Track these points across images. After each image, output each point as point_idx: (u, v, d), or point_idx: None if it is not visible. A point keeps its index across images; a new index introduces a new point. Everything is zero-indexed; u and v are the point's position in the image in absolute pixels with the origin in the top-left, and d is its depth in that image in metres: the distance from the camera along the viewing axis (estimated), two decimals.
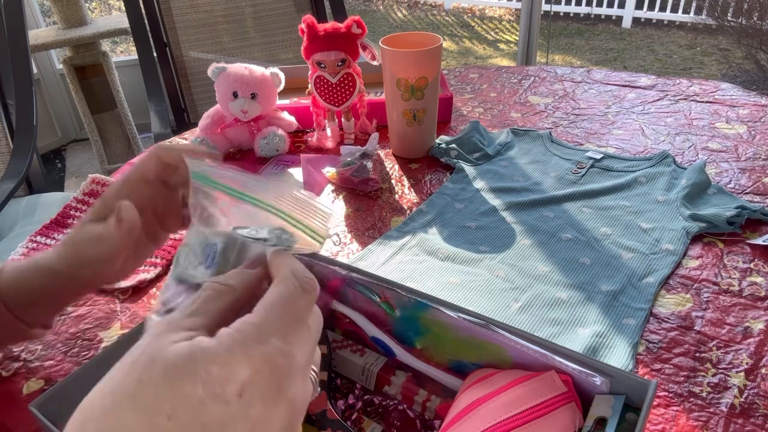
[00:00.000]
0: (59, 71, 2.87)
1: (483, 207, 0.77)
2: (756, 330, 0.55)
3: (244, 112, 0.91)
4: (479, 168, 0.86)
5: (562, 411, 0.36)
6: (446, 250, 0.68)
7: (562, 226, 0.72)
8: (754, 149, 0.87)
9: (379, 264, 0.67)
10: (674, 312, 0.58)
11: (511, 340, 0.40)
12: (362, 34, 0.88)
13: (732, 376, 0.51)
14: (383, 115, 0.93)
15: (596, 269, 0.64)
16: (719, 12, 3.79)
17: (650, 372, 0.52)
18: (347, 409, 0.48)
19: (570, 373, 0.38)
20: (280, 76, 0.93)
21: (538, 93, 1.13)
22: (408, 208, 0.79)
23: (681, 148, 0.89)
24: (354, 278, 0.48)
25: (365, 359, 0.49)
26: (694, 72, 3.85)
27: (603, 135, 0.95)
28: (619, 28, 4.77)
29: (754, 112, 0.99)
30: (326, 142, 0.96)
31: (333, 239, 0.73)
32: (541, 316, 0.58)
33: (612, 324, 0.57)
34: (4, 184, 1.19)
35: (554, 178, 0.82)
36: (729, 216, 0.68)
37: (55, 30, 2.32)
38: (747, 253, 0.66)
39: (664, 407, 0.49)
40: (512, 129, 0.96)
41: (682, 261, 0.65)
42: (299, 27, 0.88)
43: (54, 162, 2.86)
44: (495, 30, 4.98)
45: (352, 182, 0.83)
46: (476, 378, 0.42)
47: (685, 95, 1.07)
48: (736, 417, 0.47)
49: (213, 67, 0.91)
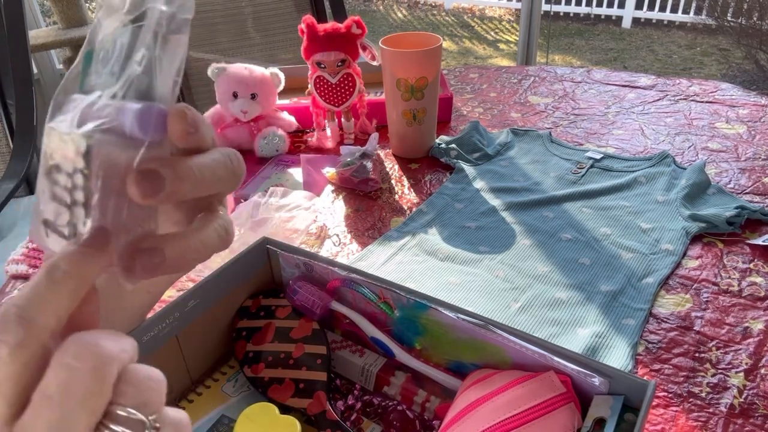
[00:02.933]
0: (59, 71, 2.87)
1: (483, 207, 0.77)
2: (755, 330, 0.55)
3: (244, 112, 0.91)
4: (479, 168, 0.86)
5: (560, 411, 0.36)
6: (446, 251, 0.68)
7: (562, 226, 0.72)
8: (754, 149, 0.87)
9: (378, 264, 0.67)
10: (674, 312, 0.58)
11: (510, 340, 0.40)
12: (362, 34, 0.88)
13: (731, 377, 0.51)
14: (383, 115, 0.93)
15: (596, 269, 0.64)
16: (719, 12, 3.79)
17: (650, 372, 0.52)
18: (347, 409, 0.48)
19: (569, 373, 0.38)
20: (280, 76, 0.93)
21: (538, 93, 1.13)
22: (408, 208, 0.79)
23: (681, 148, 0.89)
24: (353, 279, 0.48)
25: (364, 360, 0.49)
26: (694, 72, 3.85)
27: (603, 135, 0.95)
28: (619, 28, 4.77)
29: (753, 112, 0.99)
30: (326, 142, 0.96)
31: (333, 239, 0.73)
32: (540, 317, 0.58)
33: (611, 324, 0.57)
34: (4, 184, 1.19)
35: (554, 178, 0.82)
36: (729, 216, 0.68)
37: (55, 30, 2.31)
38: (747, 253, 0.66)
39: (664, 407, 0.49)
40: (512, 129, 0.96)
41: (681, 261, 0.65)
42: (299, 27, 0.88)
43: None
44: (495, 30, 4.98)
45: (352, 182, 0.83)
46: (475, 378, 0.42)
47: (685, 95, 1.07)
48: (736, 417, 0.47)
49: (213, 68, 0.91)
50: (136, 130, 0.23)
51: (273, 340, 0.49)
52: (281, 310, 0.51)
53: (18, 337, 0.20)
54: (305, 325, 0.49)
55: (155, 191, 0.23)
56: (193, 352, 0.48)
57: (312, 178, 0.87)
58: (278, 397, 0.45)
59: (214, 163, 0.26)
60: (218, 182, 0.27)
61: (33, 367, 0.21)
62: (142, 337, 0.40)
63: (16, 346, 0.20)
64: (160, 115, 0.24)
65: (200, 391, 0.48)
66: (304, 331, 0.49)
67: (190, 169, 0.25)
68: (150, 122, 0.24)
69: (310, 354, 0.47)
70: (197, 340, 0.48)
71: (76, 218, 0.24)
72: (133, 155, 0.24)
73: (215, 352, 0.51)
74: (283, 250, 0.51)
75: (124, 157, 0.24)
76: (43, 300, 0.21)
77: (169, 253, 0.24)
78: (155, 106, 0.24)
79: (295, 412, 0.44)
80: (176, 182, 0.24)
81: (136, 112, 0.24)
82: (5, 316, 0.21)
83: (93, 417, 0.21)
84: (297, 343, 0.48)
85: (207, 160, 0.26)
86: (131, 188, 0.23)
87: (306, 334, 0.49)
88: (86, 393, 0.20)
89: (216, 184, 0.27)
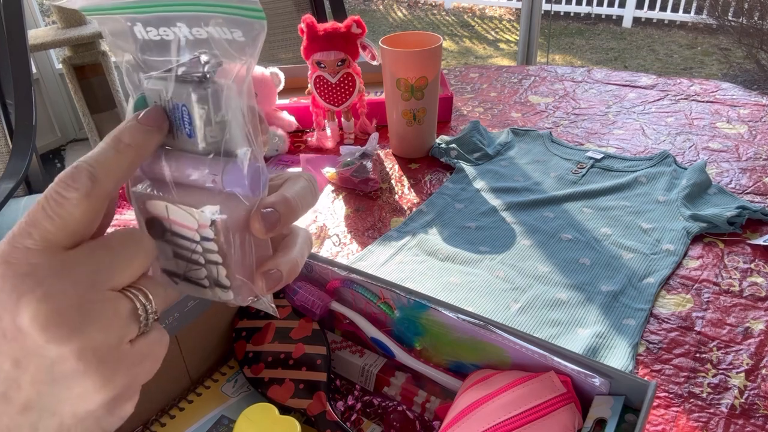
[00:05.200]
0: (58, 71, 2.87)
1: (483, 207, 0.77)
2: (756, 330, 0.55)
3: None
4: (479, 168, 0.86)
5: (561, 412, 0.36)
6: (446, 251, 0.68)
7: (562, 227, 0.72)
8: (755, 149, 0.87)
9: (378, 264, 0.67)
10: (674, 312, 0.58)
11: (510, 341, 0.40)
12: (362, 33, 0.88)
13: (732, 377, 0.51)
14: (383, 115, 0.93)
15: (596, 270, 0.64)
16: (720, 12, 3.79)
17: (650, 373, 0.52)
18: (347, 410, 0.48)
19: (569, 374, 0.38)
20: (280, 76, 0.93)
21: (538, 93, 1.13)
22: (408, 208, 0.79)
23: (681, 148, 0.89)
24: (353, 279, 0.48)
25: (365, 360, 0.49)
26: (695, 72, 3.85)
27: (603, 135, 0.95)
28: (620, 28, 4.77)
29: (754, 111, 0.99)
30: (326, 142, 0.96)
31: (333, 239, 0.73)
32: (541, 317, 0.58)
33: (612, 324, 0.57)
34: (4, 184, 1.19)
35: (554, 178, 0.82)
36: (729, 216, 0.68)
37: (54, 30, 2.31)
38: (747, 253, 0.66)
39: (664, 408, 0.49)
40: (512, 129, 0.95)
41: (682, 261, 0.65)
42: (299, 27, 0.88)
43: (53, 162, 2.86)
44: (495, 30, 4.98)
45: (352, 182, 0.83)
46: (475, 379, 0.42)
47: (685, 95, 1.07)
48: (737, 418, 0.47)
49: None
50: (251, 193, 0.27)
51: (273, 341, 0.49)
52: (281, 311, 0.51)
53: (86, 189, 0.24)
54: (305, 326, 0.49)
55: (274, 225, 0.28)
56: (193, 352, 0.48)
57: None
58: (278, 397, 0.45)
59: (304, 191, 0.30)
60: (307, 207, 0.31)
61: (90, 217, 0.25)
62: None
63: (84, 196, 0.24)
64: (262, 175, 0.27)
65: (200, 391, 0.48)
66: (304, 331, 0.49)
67: (295, 202, 0.29)
68: (259, 184, 0.27)
69: (310, 354, 0.47)
70: (197, 340, 0.48)
71: (218, 274, 0.28)
72: (250, 208, 0.27)
73: (215, 353, 0.51)
74: None
75: (245, 211, 0.27)
76: (108, 164, 0.25)
77: (285, 269, 0.29)
78: (257, 167, 0.27)
79: (295, 412, 0.44)
80: (287, 216, 0.28)
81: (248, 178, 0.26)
82: (78, 168, 0.25)
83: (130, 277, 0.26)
84: (297, 344, 0.48)
85: (299, 190, 0.30)
86: (255, 225, 0.27)
87: (306, 335, 0.49)
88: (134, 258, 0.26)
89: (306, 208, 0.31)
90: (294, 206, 0.29)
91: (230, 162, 0.26)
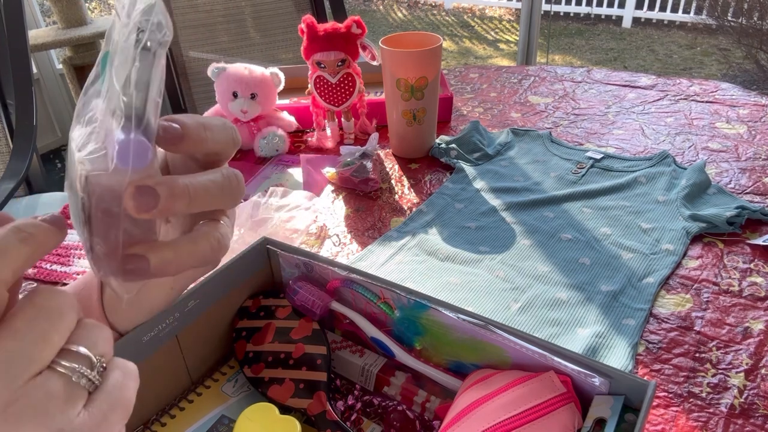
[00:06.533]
0: (59, 71, 2.87)
1: (483, 207, 0.77)
2: (756, 330, 0.55)
3: (243, 112, 0.91)
4: (479, 168, 0.86)
5: (561, 412, 0.36)
6: (446, 251, 0.68)
7: (562, 226, 0.72)
8: (755, 149, 0.87)
9: (378, 264, 0.67)
10: (674, 312, 0.58)
11: (510, 340, 0.40)
12: (362, 34, 0.88)
13: (732, 377, 0.51)
14: (383, 115, 0.93)
15: (596, 269, 0.64)
16: (719, 12, 3.79)
17: (650, 372, 0.52)
18: (347, 409, 0.48)
19: (569, 373, 0.38)
20: (280, 76, 0.93)
21: (538, 93, 1.13)
22: (408, 208, 0.79)
23: (681, 148, 0.89)
24: (353, 279, 0.48)
25: (364, 360, 0.49)
26: (695, 72, 3.85)
27: (603, 135, 0.95)
28: (619, 28, 4.77)
29: (754, 111, 0.99)
30: (326, 142, 0.96)
31: (333, 239, 0.73)
32: (540, 317, 0.58)
33: (612, 324, 0.57)
34: (4, 184, 1.19)
35: (554, 178, 0.82)
36: (729, 216, 0.68)
37: (54, 30, 2.31)
38: (747, 253, 0.66)
39: (664, 408, 0.49)
40: (512, 129, 0.95)
41: (682, 261, 0.65)
42: (299, 27, 0.88)
43: (54, 162, 2.86)
44: (495, 30, 4.98)
45: (352, 182, 0.83)
46: (475, 379, 0.42)
47: (685, 95, 1.07)
48: (736, 417, 0.47)
49: (213, 67, 0.91)
50: (118, 162, 0.25)
51: (273, 340, 0.49)
52: (281, 310, 0.51)
53: None
54: (305, 325, 0.49)
55: (150, 207, 0.25)
56: (193, 352, 0.48)
57: (312, 178, 0.87)
58: (278, 397, 0.45)
59: (210, 184, 0.28)
60: (213, 201, 0.28)
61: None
62: (142, 337, 0.40)
63: None
64: (139, 147, 0.25)
65: (200, 391, 0.48)
66: (304, 331, 0.49)
67: (185, 189, 0.26)
68: (128, 156, 0.25)
69: (310, 354, 0.47)
70: (197, 340, 0.48)
71: (87, 238, 0.26)
72: (120, 179, 0.25)
73: (215, 353, 0.51)
74: (283, 250, 0.51)
75: (114, 180, 0.25)
76: (7, 255, 0.23)
77: (154, 260, 0.26)
78: (133, 139, 0.25)
79: (295, 412, 0.44)
80: (170, 200, 0.26)
81: (117, 145, 0.25)
82: None
83: (51, 351, 0.23)
84: (297, 343, 0.48)
85: (203, 180, 0.28)
86: (128, 202, 0.25)
87: (306, 334, 0.49)
88: (49, 329, 0.23)
89: (211, 202, 0.28)
90: (182, 194, 0.26)
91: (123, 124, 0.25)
